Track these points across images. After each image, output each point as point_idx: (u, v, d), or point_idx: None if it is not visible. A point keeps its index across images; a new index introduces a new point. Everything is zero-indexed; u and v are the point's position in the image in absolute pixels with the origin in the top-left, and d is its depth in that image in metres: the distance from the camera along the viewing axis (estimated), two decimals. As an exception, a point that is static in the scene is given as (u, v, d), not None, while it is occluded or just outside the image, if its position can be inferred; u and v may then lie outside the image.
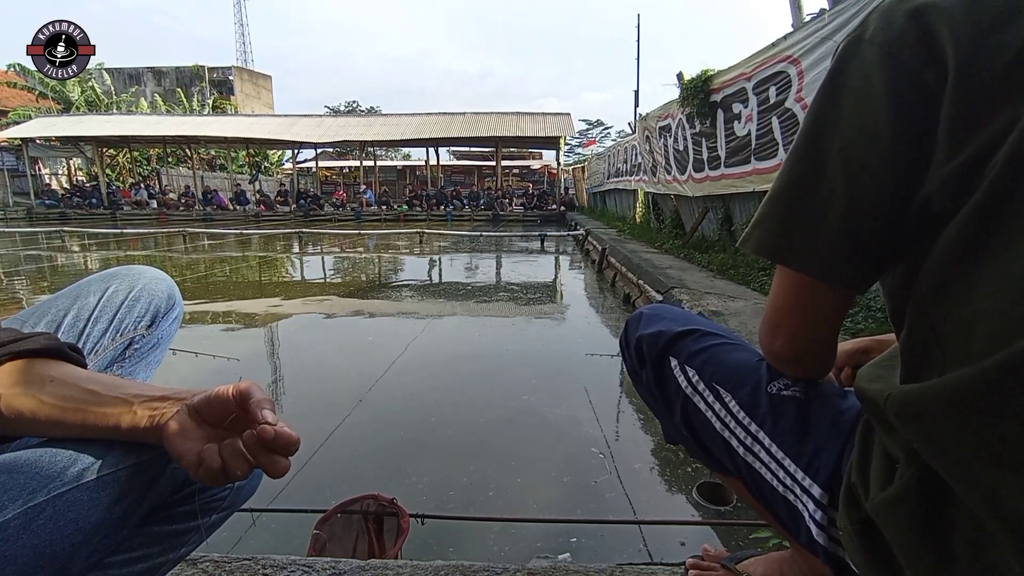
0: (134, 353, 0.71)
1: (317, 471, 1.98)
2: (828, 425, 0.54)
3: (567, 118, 20.13)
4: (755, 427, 0.58)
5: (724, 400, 0.61)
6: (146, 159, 24.89)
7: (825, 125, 0.46)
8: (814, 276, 0.48)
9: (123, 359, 0.71)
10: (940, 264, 0.41)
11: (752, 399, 0.59)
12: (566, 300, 5.55)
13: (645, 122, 8.21)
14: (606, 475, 2.02)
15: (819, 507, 0.52)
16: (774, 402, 0.57)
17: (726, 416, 0.60)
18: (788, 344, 0.54)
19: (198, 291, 5.59)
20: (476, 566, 0.92)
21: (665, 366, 0.67)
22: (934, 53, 0.40)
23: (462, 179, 27.49)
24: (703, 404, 0.63)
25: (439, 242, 11.19)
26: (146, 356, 0.73)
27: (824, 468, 0.52)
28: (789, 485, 0.55)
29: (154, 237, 11.69)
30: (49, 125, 19.80)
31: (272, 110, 39.61)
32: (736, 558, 0.86)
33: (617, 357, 3.48)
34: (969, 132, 0.38)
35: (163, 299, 0.73)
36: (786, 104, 4.07)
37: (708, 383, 0.62)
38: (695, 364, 0.64)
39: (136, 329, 0.70)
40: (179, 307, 0.77)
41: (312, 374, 3.21)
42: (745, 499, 0.73)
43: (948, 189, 0.40)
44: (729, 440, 0.60)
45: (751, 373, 0.60)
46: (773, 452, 0.56)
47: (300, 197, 19.75)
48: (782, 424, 0.56)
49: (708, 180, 5.73)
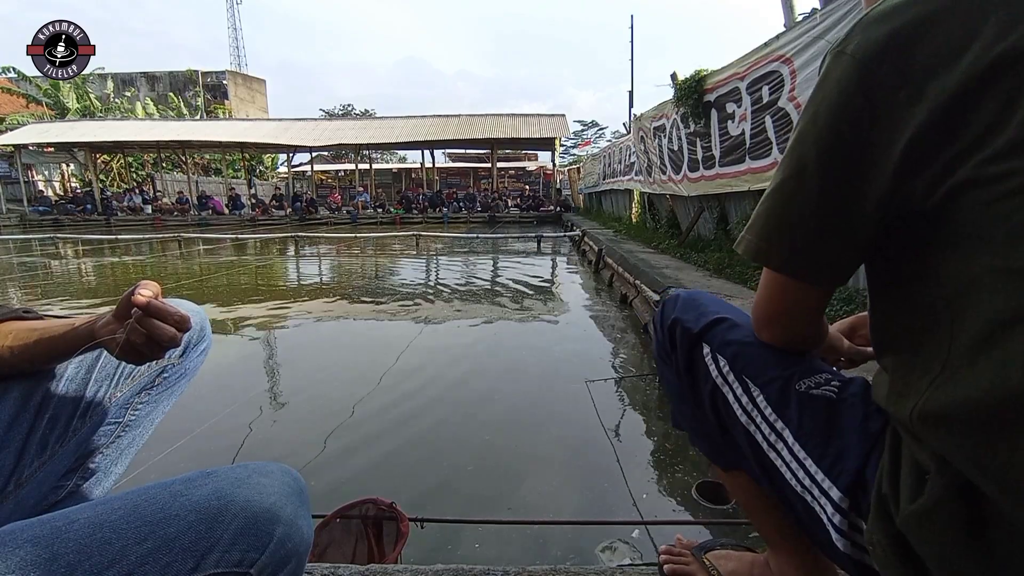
0: (163, 381, 0.75)
1: (315, 476, 1.97)
2: (855, 429, 0.53)
3: (562, 119, 20.15)
4: (780, 424, 0.57)
5: (752, 394, 0.61)
6: (140, 164, 24.78)
7: (806, 134, 0.48)
8: (794, 278, 0.53)
9: (152, 386, 0.74)
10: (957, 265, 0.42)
11: (780, 396, 0.58)
12: (564, 300, 5.55)
13: (639, 122, 8.22)
14: (606, 475, 2.02)
15: (838, 511, 0.51)
16: (802, 400, 0.57)
17: (752, 410, 0.60)
18: (777, 337, 0.60)
19: (192, 297, 5.57)
20: (476, 569, 0.92)
21: (697, 352, 0.67)
22: (907, 71, 0.42)
23: (458, 181, 27.45)
24: (731, 396, 0.63)
25: (435, 244, 11.18)
26: (173, 385, 0.76)
27: (846, 473, 0.51)
28: (808, 486, 0.54)
29: (148, 243, 11.63)
30: (42, 131, 19.70)
31: (267, 114, 39.48)
32: (705, 547, 0.88)
33: (617, 357, 3.49)
34: (937, 148, 0.41)
35: (196, 331, 0.76)
36: (779, 103, 4.08)
37: (738, 375, 0.62)
38: (727, 354, 0.64)
39: (170, 358, 0.73)
40: (208, 340, 0.80)
41: (308, 379, 3.20)
42: (741, 498, 0.73)
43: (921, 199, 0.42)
44: (754, 435, 0.60)
45: (782, 369, 0.60)
46: (796, 452, 0.55)
47: (295, 201, 19.71)
48: (808, 424, 0.55)
49: (703, 180, 5.74)
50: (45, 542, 0.39)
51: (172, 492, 0.43)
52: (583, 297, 5.80)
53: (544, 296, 5.80)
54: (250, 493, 0.43)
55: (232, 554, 0.41)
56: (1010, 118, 0.38)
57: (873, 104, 0.43)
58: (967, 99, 0.40)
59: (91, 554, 0.38)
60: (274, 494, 0.44)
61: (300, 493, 0.47)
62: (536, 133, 18.98)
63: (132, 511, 0.41)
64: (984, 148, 0.39)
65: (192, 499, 0.42)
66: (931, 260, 0.43)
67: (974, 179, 0.39)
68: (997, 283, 0.39)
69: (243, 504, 0.42)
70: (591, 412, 2.58)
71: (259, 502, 0.43)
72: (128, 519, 0.41)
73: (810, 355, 0.63)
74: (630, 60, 18.99)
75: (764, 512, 0.71)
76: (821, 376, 0.58)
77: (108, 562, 0.38)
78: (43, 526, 0.40)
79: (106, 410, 0.68)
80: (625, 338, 3.99)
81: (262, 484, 0.45)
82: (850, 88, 0.44)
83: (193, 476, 0.45)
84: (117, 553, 0.39)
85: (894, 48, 0.43)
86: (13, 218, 18.19)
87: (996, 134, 0.39)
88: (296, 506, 0.45)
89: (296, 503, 0.46)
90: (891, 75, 0.42)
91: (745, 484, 0.69)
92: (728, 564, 0.83)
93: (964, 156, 0.40)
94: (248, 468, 0.47)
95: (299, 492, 0.47)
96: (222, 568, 0.40)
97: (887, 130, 0.43)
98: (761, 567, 0.78)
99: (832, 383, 0.57)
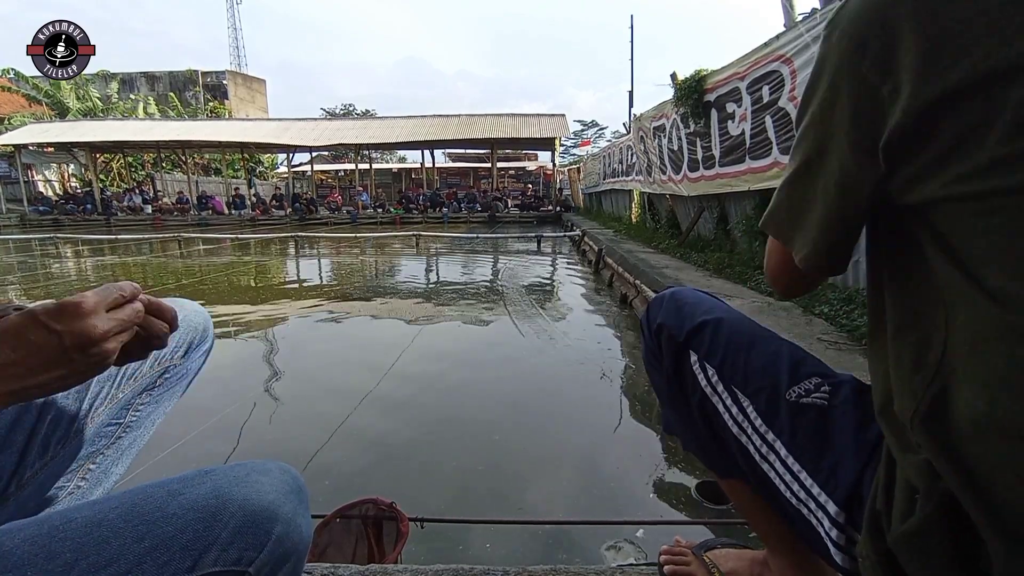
0: (164, 382, 0.75)
1: (315, 476, 1.97)
2: (850, 438, 0.51)
3: (562, 119, 20.15)
4: (772, 436, 0.56)
5: (742, 404, 0.59)
6: (140, 164, 24.77)
7: (806, 115, 0.47)
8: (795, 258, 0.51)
9: (154, 387, 0.74)
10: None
11: (770, 407, 0.57)
12: (564, 300, 5.55)
13: (639, 122, 8.21)
14: (606, 475, 2.02)
15: (835, 525, 0.50)
16: (793, 410, 0.55)
17: (743, 421, 0.59)
18: (788, 293, 0.58)
19: (192, 296, 5.56)
20: (476, 569, 0.92)
21: (684, 360, 0.65)
22: (891, 65, 0.39)
23: (458, 181, 27.42)
24: (721, 406, 0.61)
25: (435, 244, 11.17)
26: (174, 386, 0.76)
27: (842, 486, 0.49)
28: (804, 499, 0.53)
29: (148, 243, 11.63)
30: (42, 131, 19.70)
31: (267, 114, 39.45)
32: (705, 546, 0.88)
33: (616, 357, 3.49)
34: (910, 152, 0.39)
35: (199, 332, 0.77)
36: (779, 103, 4.08)
37: (727, 385, 0.61)
38: (715, 362, 0.62)
39: (172, 359, 0.74)
40: (211, 340, 0.80)
41: (308, 379, 3.20)
42: (739, 504, 0.72)
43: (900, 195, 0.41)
44: (746, 445, 0.58)
45: (771, 377, 0.58)
46: (789, 464, 0.54)
47: (295, 201, 19.71)
48: (800, 435, 0.54)
49: (703, 179, 5.74)
50: (42, 541, 0.38)
51: (169, 491, 0.43)
52: (583, 297, 5.79)
53: (544, 296, 5.79)
54: (248, 491, 0.43)
55: (230, 552, 0.40)
56: (988, 134, 0.36)
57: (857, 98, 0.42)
58: (944, 108, 0.37)
59: (88, 553, 0.38)
60: (272, 492, 0.44)
61: (299, 491, 0.47)
62: (536, 133, 18.97)
63: (129, 510, 0.41)
64: (961, 161, 0.37)
65: (190, 498, 0.42)
66: (924, 259, 0.41)
67: (948, 195, 0.38)
68: (975, 296, 0.37)
69: (241, 502, 0.42)
70: (591, 412, 2.58)
71: (257, 500, 0.42)
72: (125, 518, 0.40)
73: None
74: (630, 60, 19.01)
75: (763, 518, 0.69)
76: (811, 382, 0.56)
77: (105, 561, 0.38)
78: (40, 525, 0.40)
79: (107, 411, 0.68)
80: (625, 338, 3.99)
81: (260, 483, 0.44)
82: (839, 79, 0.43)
83: (190, 475, 0.44)
84: (115, 552, 0.38)
85: (881, 40, 0.40)
86: (13, 218, 18.19)
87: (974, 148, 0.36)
88: (295, 504, 0.45)
89: (295, 501, 0.45)
90: (873, 71, 0.40)
91: (742, 491, 0.67)
92: (728, 563, 0.82)
93: (936, 165, 0.38)
94: (246, 467, 0.46)
95: (298, 491, 0.46)
96: (220, 567, 0.40)
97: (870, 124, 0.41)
98: (762, 565, 0.78)
99: (822, 388, 0.56)
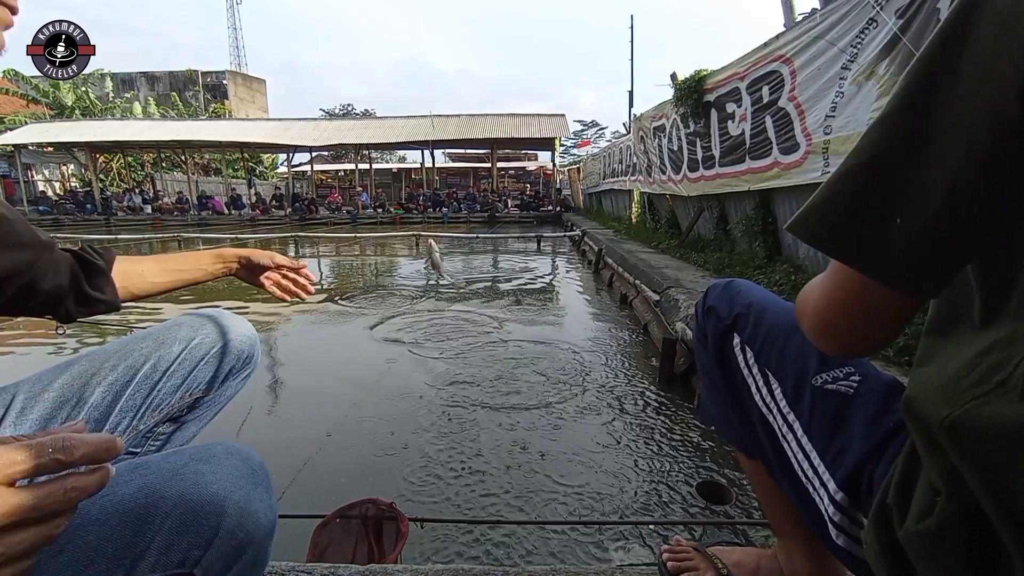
0: (192, 413, 0.69)
1: (315, 476, 1.97)
2: (864, 423, 0.53)
3: (562, 119, 20.15)
4: (792, 417, 0.59)
5: (771, 386, 0.63)
6: (140, 164, 24.77)
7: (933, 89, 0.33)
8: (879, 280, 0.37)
9: (180, 417, 0.68)
10: None
11: (796, 391, 0.60)
12: (563, 300, 5.55)
13: (639, 122, 8.21)
14: (606, 475, 2.02)
15: (832, 503, 0.52)
16: (816, 395, 0.58)
17: (770, 402, 0.63)
18: (837, 349, 0.44)
19: (192, 296, 5.56)
20: (476, 569, 0.92)
21: (728, 340, 0.69)
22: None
23: (458, 181, 27.42)
24: (754, 387, 0.65)
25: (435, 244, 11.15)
26: (203, 415, 0.71)
27: (845, 465, 0.51)
28: (810, 477, 0.55)
29: (148, 243, 11.63)
30: (42, 131, 19.71)
31: (267, 114, 39.46)
32: (707, 543, 0.90)
33: (615, 356, 3.49)
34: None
35: (240, 359, 0.72)
36: (779, 103, 4.08)
37: (761, 368, 0.64)
38: (755, 346, 0.66)
39: (206, 391, 0.69)
40: (253, 366, 0.76)
41: (307, 379, 3.20)
42: (757, 486, 0.76)
43: None
44: (771, 424, 0.62)
45: (801, 363, 0.61)
46: (803, 443, 0.57)
47: (295, 201, 19.70)
48: (817, 418, 0.57)
49: (703, 180, 5.73)
50: None
51: None
52: (583, 297, 5.79)
53: (544, 296, 5.79)
54: (184, 485, 0.38)
55: (171, 556, 0.36)
56: None
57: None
58: None
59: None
60: (216, 482, 0.39)
61: (252, 475, 0.41)
62: (536, 133, 18.98)
63: None
64: None
65: (114, 500, 0.37)
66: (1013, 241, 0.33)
67: None
68: None
69: (176, 499, 0.37)
70: (590, 412, 2.58)
71: (196, 494, 0.38)
72: None
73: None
74: (630, 60, 18.99)
75: (777, 501, 0.72)
76: (841, 370, 0.58)
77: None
78: None
79: (125, 442, 0.63)
80: (624, 338, 3.99)
81: (200, 472, 0.39)
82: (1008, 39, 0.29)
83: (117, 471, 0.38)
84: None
85: None
86: (13, 218, 18.17)
87: None
88: (247, 490, 0.40)
89: (247, 486, 0.40)
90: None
91: (762, 472, 0.71)
92: (732, 556, 0.83)
93: None
94: (184, 455, 0.41)
95: (250, 474, 0.41)
96: (160, 573, 0.36)
97: None
98: (769, 560, 0.79)
99: (852, 377, 0.57)
